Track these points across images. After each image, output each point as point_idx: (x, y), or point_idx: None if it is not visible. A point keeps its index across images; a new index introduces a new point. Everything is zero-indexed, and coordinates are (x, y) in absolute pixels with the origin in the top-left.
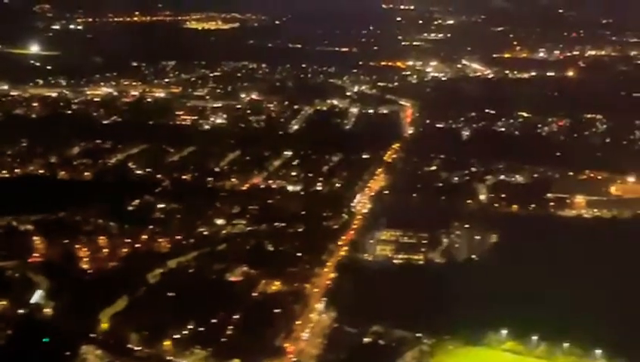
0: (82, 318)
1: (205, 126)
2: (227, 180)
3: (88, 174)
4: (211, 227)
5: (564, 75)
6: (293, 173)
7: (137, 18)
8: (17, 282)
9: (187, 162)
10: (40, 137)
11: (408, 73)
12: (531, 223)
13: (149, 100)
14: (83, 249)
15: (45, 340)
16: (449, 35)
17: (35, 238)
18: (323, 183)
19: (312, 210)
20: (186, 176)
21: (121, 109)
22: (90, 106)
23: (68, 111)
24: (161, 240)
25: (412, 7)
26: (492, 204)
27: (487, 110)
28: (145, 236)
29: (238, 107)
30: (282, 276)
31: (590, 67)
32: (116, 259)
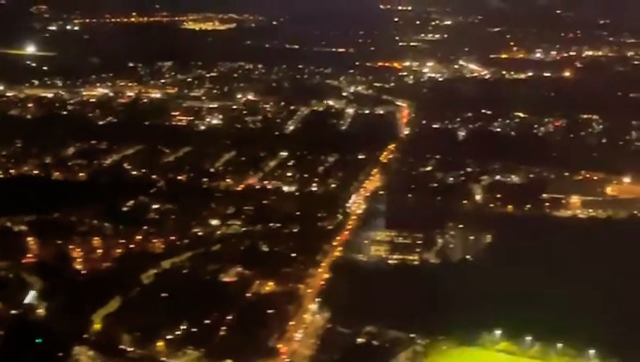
0: (75, 319)
1: (201, 126)
2: (222, 181)
3: (83, 175)
4: (206, 227)
5: (560, 76)
6: (288, 174)
7: (134, 19)
8: (11, 283)
9: (182, 163)
10: (35, 138)
11: (405, 74)
12: (526, 223)
13: (145, 101)
14: (77, 249)
15: (38, 341)
16: (446, 36)
17: (29, 239)
18: (318, 184)
19: (307, 211)
20: (181, 177)
21: (116, 110)
22: (85, 107)
23: (63, 111)
24: (155, 240)
25: (409, 7)
26: (487, 205)
27: (483, 110)
28: (139, 237)
29: (234, 108)
30: (276, 276)
31: (587, 67)
32: (110, 260)
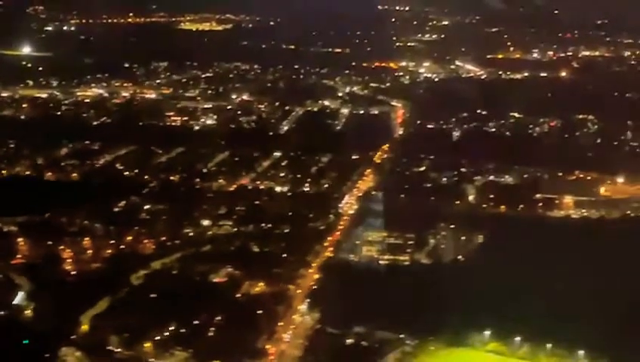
0: (63, 320)
1: (195, 127)
2: (215, 181)
3: (75, 175)
4: (197, 228)
5: (557, 76)
6: (281, 174)
7: (131, 19)
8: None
9: (175, 163)
10: (28, 138)
11: (401, 74)
12: (519, 224)
13: (140, 101)
14: (67, 250)
15: (25, 342)
16: (443, 36)
17: (19, 240)
18: (311, 184)
19: (299, 211)
20: (174, 177)
21: (111, 110)
22: (80, 107)
23: (57, 112)
24: (146, 241)
25: (407, 7)
26: (480, 205)
27: (478, 111)
28: (130, 237)
29: (229, 108)
30: (266, 277)
31: (583, 68)
32: (100, 261)
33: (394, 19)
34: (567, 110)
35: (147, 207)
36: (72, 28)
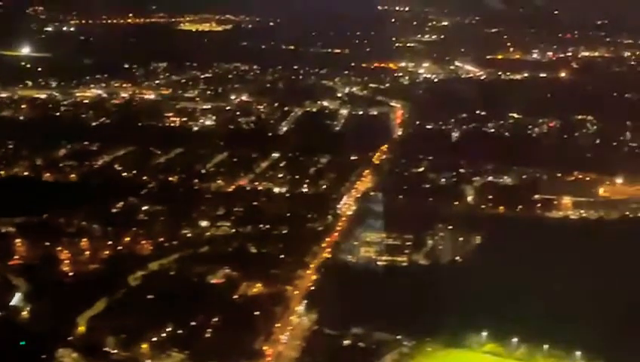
0: (60, 321)
1: (194, 128)
2: (213, 182)
3: (74, 176)
4: (195, 229)
5: (556, 76)
6: (280, 175)
7: (131, 20)
8: None
9: (174, 164)
10: (27, 139)
11: (400, 74)
12: (517, 224)
13: (139, 102)
14: (64, 251)
15: (22, 343)
16: (443, 37)
17: (17, 241)
18: (309, 185)
19: (297, 212)
20: (172, 178)
21: (110, 111)
22: (79, 108)
23: (56, 113)
24: (143, 242)
25: (407, 8)
26: (479, 206)
27: (477, 111)
28: (127, 238)
29: (228, 109)
30: (264, 278)
31: (583, 68)
32: (98, 262)
33: (393, 19)
34: (566, 111)
35: (145, 208)
36: (72, 28)
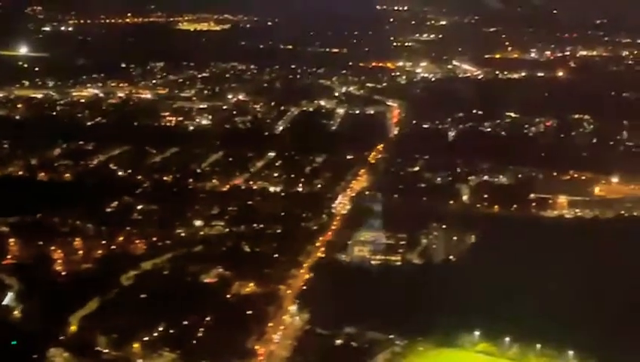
0: (52, 321)
1: (190, 127)
2: (208, 181)
3: (69, 176)
4: (189, 228)
5: (554, 76)
6: (275, 174)
7: (129, 20)
8: None
9: (169, 163)
10: (22, 139)
11: (398, 74)
12: (512, 224)
13: (135, 102)
14: (58, 251)
15: (13, 343)
16: (441, 36)
17: (11, 240)
18: (305, 184)
19: (292, 211)
20: (167, 178)
21: (106, 111)
22: (75, 108)
23: (53, 112)
24: (137, 241)
25: (405, 7)
26: (474, 205)
27: (474, 111)
28: (121, 238)
29: (225, 108)
30: (257, 277)
31: (581, 67)
32: (91, 261)
33: (392, 19)
34: (563, 110)
35: (140, 208)
36: (70, 28)
